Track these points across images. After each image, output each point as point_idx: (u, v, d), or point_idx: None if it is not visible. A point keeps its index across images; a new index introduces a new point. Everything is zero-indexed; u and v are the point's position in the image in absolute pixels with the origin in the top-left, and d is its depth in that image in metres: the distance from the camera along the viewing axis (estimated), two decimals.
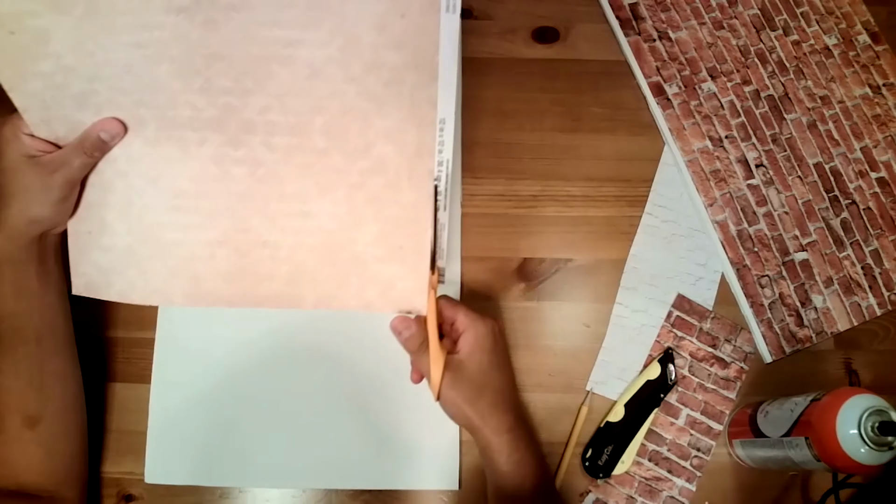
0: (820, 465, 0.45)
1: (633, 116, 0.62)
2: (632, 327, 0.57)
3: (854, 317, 0.58)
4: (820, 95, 0.63)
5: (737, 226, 0.59)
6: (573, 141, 0.62)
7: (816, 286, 0.58)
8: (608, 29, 0.65)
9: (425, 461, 0.54)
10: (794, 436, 0.46)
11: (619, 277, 0.58)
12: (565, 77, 0.63)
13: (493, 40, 0.64)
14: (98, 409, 0.54)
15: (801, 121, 0.62)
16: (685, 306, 0.58)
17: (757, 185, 0.60)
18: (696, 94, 0.62)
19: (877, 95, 0.63)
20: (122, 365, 0.56)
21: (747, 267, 0.58)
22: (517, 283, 0.58)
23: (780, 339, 0.57)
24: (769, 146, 0.61)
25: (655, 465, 0.54)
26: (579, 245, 0.59)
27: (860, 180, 0.61)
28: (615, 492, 0.54)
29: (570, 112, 0.62)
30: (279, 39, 0.41)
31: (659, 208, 0.60)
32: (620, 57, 0.64)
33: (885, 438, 0.42)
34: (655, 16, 0.64)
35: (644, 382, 0.55)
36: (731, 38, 0.64)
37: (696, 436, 0.55)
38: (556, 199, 0.60)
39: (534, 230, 0.59)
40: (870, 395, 0.44)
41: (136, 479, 0.53)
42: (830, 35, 0.64)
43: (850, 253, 0.59)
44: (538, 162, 0.61)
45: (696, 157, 0.60)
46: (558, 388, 0.56)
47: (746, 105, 0.62)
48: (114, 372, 0.56)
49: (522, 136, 0.62)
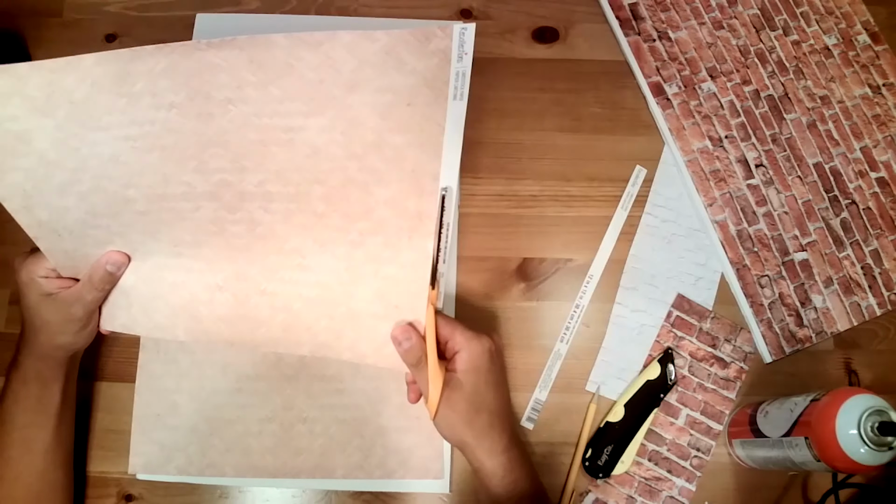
0: (820, 465, 0.45)
1: (633, 116, 0.62)
2: (632, 327, 0.57)
3: (854, 317, 0.58)
4: (820, 95, 0.63)
5: (737, 226, 0.59)
6: (573, 141, 0.62)
7: (816, 286, 0.58)
8: (608, 29, 0.65)
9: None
10: (794, 436, 0.46)
11: (619, 277, 0.58)
12: (565, 77, 0.63)
13: (493, 40, 0.64)
14: (98, 409, 0.54)
15: (801, 121, 0.62)
16: (685, 306, 0.58)
17: (757, 185, 0.60)
18: (695, 94, 0.62)
19: (877, 95, 0.63)
20: (123, 365, 0.56)
21: (747, 267, 0.58)
22: (517, 283, 0.58)
23: (780, 339, 0.57)
24: (769, 146, 0.61)
25: (655, 465, 0.54)
26: (579, 245, 0.59)
27: (860, 180, 0.61)
28: (615, 492, 0.54)
29: (570, 112, 0.62)
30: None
31: (659, 208, 0.60)
32: (620, 57, 0.64)
33: (885, 438, 0.42)
34: (655, 16, 0.64)
35: (644, 382, 0.55)
36: (731, 38, 0.64)
37: (696, 436, 0.55)
38: (556, 199, 0.60)
39: (534, 230, 0.59)
40: (870, 395, 0.43)
41: (136, 480, 0.53)
42: (830, 35, 0.64)
43: (849, 253, 0.59)
44: (538, 162, 0.61)
45: (696, 157, 0.60)
46: (558, 388, 0.56)
47: (746, 105, 0.62)
48: (113, 372, 0.56)
49: (522, 136, 0.62)
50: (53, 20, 0.64)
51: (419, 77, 0.37)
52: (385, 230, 0.44)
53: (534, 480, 0.47)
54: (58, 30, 0.64)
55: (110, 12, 0.64)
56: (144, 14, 0.64)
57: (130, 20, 0.64)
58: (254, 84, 0.38)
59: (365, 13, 0.65)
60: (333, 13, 0.65)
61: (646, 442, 0.54)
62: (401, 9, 0.65)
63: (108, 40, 0.63)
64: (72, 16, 0.64)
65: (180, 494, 0.53)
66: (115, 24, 0.64)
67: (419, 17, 0.64)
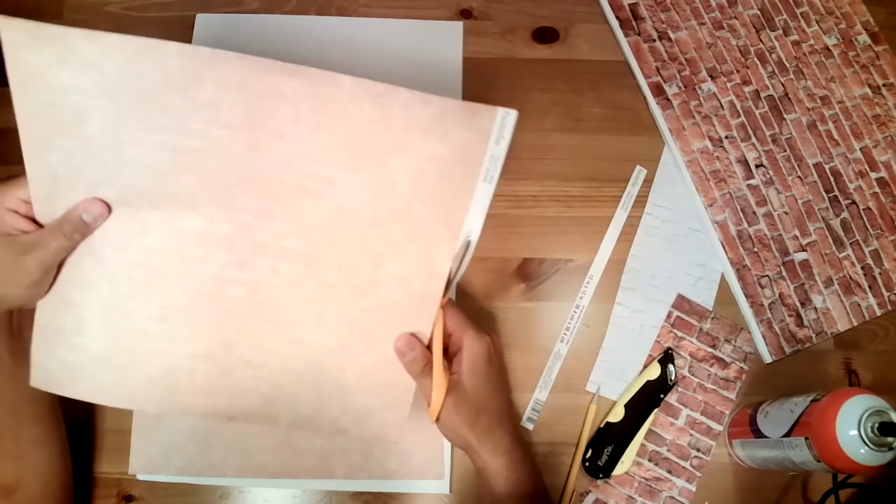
0: (820, 465, 0.45)
1: (633, 116, 0.62)
2: (632, 327, 0.57)
3: (854, 317, 0.58)
4: (820, 95, 0.63)
5: (737, 226, 0.59)
6: (573, 141, 0.62)
7: (816, 286, 0.58)
8: (608, 29, 0.65)
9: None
10: (794, 436, 0.46)
11: (619, 278, 0.58)
12: (565, 77, 0.63)
13: (493, 40, 0.64)
14: (98, 409, 0.54)
15: (801, 121, 0.62)
16: (685, 306, 0.58)
17: (757, 186, 0.60)
18: (695, 94, 0.62)
19: (877, 95, 0.63)
20: None
21: (747, 267, 0.58)
22: (517, 283, 0.58)
23: (780, 339, 0.57)
24: (769, 146, 0.61)
25: (655, 465, 0.54)
26: (579, 245, 0.59)
27: (860, 180, 0.61)
28: (615, 492, 0.54)
29: (570, 112, 0.62)
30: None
31: (659, 208, 0.60)
32: (620, 57, 0.64)
33: (885, 439, 0.42)
34: (655, 16, 0.64)
35: (644, 383, 0.55)
36: (731, 39, 0.64)
37: (696, 436, 0.55)
38: (556, 199, 0.60)
39: (534, 230, 0.59)
40: (870, 396, 0.43)
41: (136, 480, 0.53)
42: (830, 35, 0.64)
43: (849, 253, 0.59)
44: (538, 162, 0.61)
45: (696, 157, 0.60)
46: (558, 388, 0.56)
47: (746, 105, 0.62)
48: None
49: (522, 136, 0.61)
50: (53, 20, 0.64)
51: (458, 150, 0.38)
52: (387, 309, 0.43)
53: (537, 480, 0.47)
54: None
55: (110, 12, 0.64)
56: (144, 14, 0.64)
57: (130, 20, 0.64)
58: (309, 123, 0.38)
59: (365, 13, 0.65)
60: (333, 13, 0.65)
61: (646, 442, 0.54)
62: (401, 9, 0.65)
63: None
64: (72, 16, 0.64)
65: (180, 495, 0.53)
66: (115, 24, 0.64)
67: (419, 18, 0.64)
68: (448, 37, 0.64)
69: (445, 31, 0.64)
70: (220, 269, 0.42)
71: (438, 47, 0.64)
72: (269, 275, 0.43)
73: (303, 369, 0.44)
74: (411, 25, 0.64)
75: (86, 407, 0.54)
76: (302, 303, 0.43)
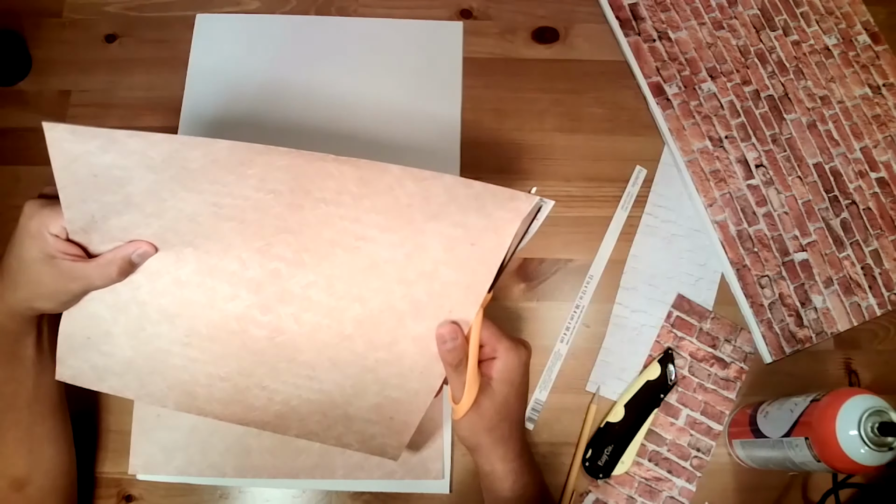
0: (820, 465, 0.45)
1: (633, 116, 0.62)
2: (632, 327, 0.57)
3: (854, 317, 0.58)
4: (820, 95, 0.63)
5: (737, 226, 0.59)
6: (573, 141, 0.62)
7: (816, 286, 0.58)
8: (608, 29, 0.65)
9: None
10: (794, 436, 0.46)
11: (619, 278, 0.58)
12: (565, 77, 0.63)
13: (493, 40, 0.64)
14: (98, 409, 0.54)
15: (801, 121, 0.62)
16: (685, 306, 0.58)
17: (757, 186, 0.60)
18: (695, 94, 0.62)
19: (877, 95, 0.63)
20: None
21: (747, 267, 0.58)
22: (517, 283, 0.58)
23: (780, 339, 0.57)
24: (769, 146, 0.61)
25: (655, 465, 0.54)
26: (579, 245, 0.59)
27: (860, 180, 0.61)
28: (615, 492, 0.54)
29: (570, 112, 0.62)
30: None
31: (659, 208, 0.60)
32: (620, 57, 0.64)
33: (885, 439, 0.42)
34: (655, 16, 0.64)
35: (644, 383, 0.55)
36: (731, 39, 0.64)
37: (696, 436, 0.55)
38: (556, 199, 0.60)
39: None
40: (870, 396, 0.44)
41: (136, 480, 0.53)
42: (830, 35, 0.64)
43: (849, 253, 0.59)
44: (538, 162, 0.61)
45: (696, 157, 0.60)
46: (558, 388, 0.56)
47: (746, 105, 0.62)
48: None
49: (522, 136, 0.61)
50: (53, 20, 0.64)
51: (491, 222, 0.40)
52: (401, 364, 0.45)
53: (541, 485, 0.47)
54: (58, 30, 0.64)
55: (110, 12, 0.64)
56: (144, 14, 0.64)
57: (130, 20, 0.64)
58: (353, 195, 0.40)
59: (365, 13, 0.65)
60: (333, 13, 0.65)
61: (646, 442, 0.54)
62: (401, 9, 0.65)
63: (107, 40, 0.63)
64: (72, 16, 0.64)
65: (180, 495, 0.53)
66: (115, 24, 0.64)
67: (419, 18, 0.64)
68: (448, 37, 0.64)
69: (445, 31, 0.64)
70: (244, 310, 0.44)
71: (438, 47, 0.64)
72: (291, 322, 0.44)
73: (314, 399, 0.46)
74: (411, 25, 0.64)
75: (86, 407, 0.54)
76: (319, 348, 0.45)
